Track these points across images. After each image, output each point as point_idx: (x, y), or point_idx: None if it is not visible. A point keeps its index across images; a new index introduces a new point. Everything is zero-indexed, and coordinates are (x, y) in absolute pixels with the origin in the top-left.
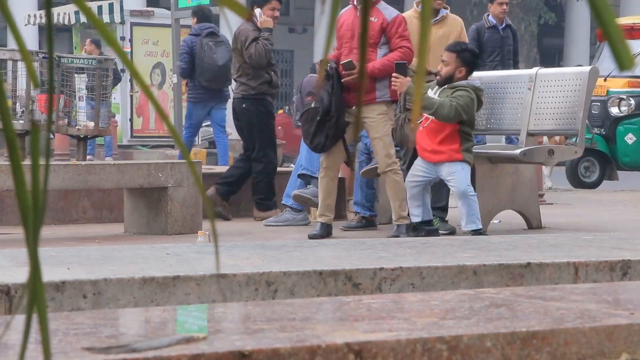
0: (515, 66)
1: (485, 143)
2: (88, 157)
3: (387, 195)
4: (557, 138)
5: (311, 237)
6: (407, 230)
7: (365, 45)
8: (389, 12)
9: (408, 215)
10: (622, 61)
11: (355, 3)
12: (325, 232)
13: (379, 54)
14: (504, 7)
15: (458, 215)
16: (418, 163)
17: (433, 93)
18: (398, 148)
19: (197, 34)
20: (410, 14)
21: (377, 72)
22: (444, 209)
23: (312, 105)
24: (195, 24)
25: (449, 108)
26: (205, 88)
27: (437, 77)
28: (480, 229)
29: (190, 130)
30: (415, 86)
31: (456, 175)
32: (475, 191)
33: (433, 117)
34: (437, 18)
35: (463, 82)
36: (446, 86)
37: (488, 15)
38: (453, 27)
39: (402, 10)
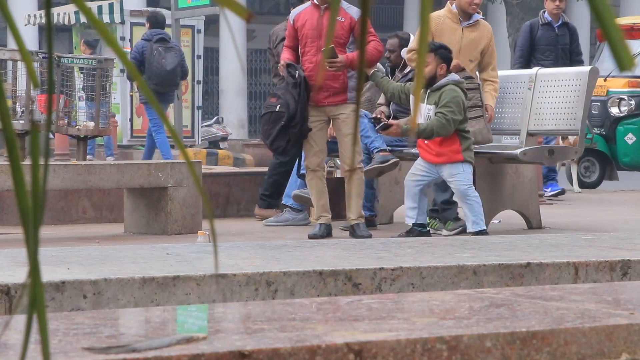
0: (575, 66)
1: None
2: (88, 157)
3: (351, 192)
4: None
5: (311, 237)
6: (366, 227)
7: (364, 45)
8: (353, 11)
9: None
10: (622, 61)
11: (316, 2)
12: (325, 232)
13: (348, 53)
14: (557, 3)
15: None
16: (419, 163)
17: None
18: (407, 147)
19: (148, 39)
20: (443, 13)
21: (356, 62)
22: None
23: (277, 109)
24: (148, 29)
25: (446, 126)
26: (152, 91)
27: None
28: (485, 230)
29: (157, 127)
30: (415, 86)
31: (457, 177)
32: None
33: None
34: (470, 22)
35: (444, 81)
36: (429, 90)
37: (544, 12)
38: (484, 33)
39: (402, 10)
